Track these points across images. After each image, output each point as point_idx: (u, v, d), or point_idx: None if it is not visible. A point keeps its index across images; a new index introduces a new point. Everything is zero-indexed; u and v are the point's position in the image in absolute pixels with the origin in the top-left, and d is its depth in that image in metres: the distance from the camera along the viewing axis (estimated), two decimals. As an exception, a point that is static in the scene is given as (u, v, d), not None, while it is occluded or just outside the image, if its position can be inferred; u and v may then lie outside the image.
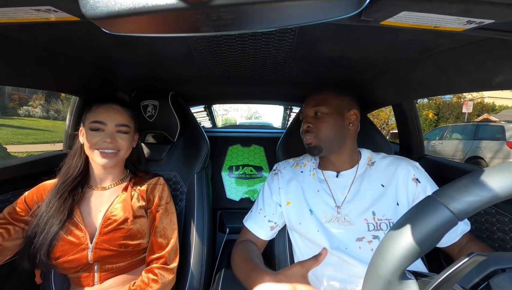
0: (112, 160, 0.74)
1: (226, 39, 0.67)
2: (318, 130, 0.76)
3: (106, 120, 0.74)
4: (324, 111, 0.76)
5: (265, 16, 0.26)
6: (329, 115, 0.76)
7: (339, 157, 0.78)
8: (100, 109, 0.75)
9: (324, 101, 0.78)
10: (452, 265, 0.27)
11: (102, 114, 0.74)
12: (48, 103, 15.95)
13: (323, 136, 0.75)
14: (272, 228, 0.80)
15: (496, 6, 0.35)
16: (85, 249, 0.69)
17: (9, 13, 0.41)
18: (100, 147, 0.73)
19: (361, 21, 0.41)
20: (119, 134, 0.76)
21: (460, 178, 0.32)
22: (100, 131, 0.73)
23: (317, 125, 0.76)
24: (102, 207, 0.75)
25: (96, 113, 0.74)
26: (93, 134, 0.73)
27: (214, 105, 2.74)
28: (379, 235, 0.68)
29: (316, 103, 0.79)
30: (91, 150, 0.73)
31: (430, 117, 13.65)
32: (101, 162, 0.73)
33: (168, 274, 0.74)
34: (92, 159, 0.75)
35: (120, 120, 0.76)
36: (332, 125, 0.75)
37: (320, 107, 0.77)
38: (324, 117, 0.76)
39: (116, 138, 0.75)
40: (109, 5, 0.23)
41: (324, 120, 0.76)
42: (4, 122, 11.52)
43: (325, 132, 0.75)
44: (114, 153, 0.74)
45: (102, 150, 0.73)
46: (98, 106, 0.76)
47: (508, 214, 0.73)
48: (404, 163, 0.75)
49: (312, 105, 0.79)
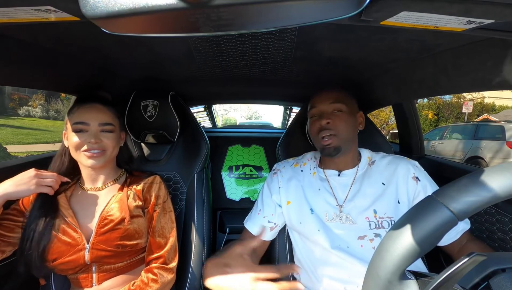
0: (99, 160, 0.73)
1: (226, 39, 0.67)
2: (337, 128, 0.72)
3: (89, 120, 0.72)
4: (343, 109, 0.74)
5: (265, 16, 0.26)
6: (347, 114, 0.74)
7: (344, 157, 0.77)
8: (81, 109, 0.73)
9: (342, 99, 0.75)
10: (452, 265, 0.27)
11: (84, 114, 0.72)
12: (48, 103, 15.95)
13: (343, 135, 0.73)
14: (272, 228, 0.80)
15: (496, 6, 0.35)
16: (81, 249, 0.69)
17: (9, 13, 0.40)
18: (85, 149, 0.71)
19: (361, 21, 0.41)
20: (103, 133, 0.74)
21: (460, 178, 0.32)
22: (84, 132, 0.71)
23: (335, 123, 0.72)
24: (98, 207, 0.75)
25: (78, 114, 0.72)
26: (77, 136, 0.71)
27: (214, 105, 2.74)
28: (381, 233, 0.68)
29: (334, 99, 0.75)
30: (77, 152, 0.72)
31: (430, 117, 13.64)
32: (88, 163, 0.72)
33: (168, 273, 0.74)
34: (79, 161, 0.74)
35: (103, 119, 0.74)
36: (350, 124, 0.74)
37: (340, 104, 0.74)
38: (343, 115, 0.74)
39: (100, 137, 0.73)
40: (109, 5, 0.23)
41: (344, 119, 0.73)
42: (4, 122, 11.52)
43: (345, 131, 0.73)
44: (100, 153, 0.73)
45: (88, 151, 0.71)
46: (79, 107, 0.73)
47: (508, 214, 0.73)
48: (403, 161, 0.76)
49: (331, 101, 0.75)
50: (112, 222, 0.72)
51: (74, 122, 0.71)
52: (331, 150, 0.73)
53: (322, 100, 0.77)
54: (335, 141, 0.72)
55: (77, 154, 0.72)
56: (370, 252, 0.67)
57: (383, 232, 0.68)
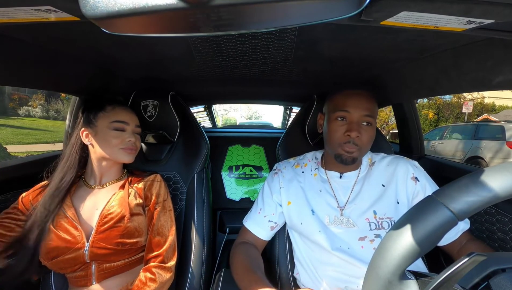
0: (134, 156, 0.81)
1: (226, 39, 0.67)
2: (363, 142, 0.69)
3: (128, 120, 0.79)
4: (373, 123, 0.71)
5: (265, 16, 0.26)
6: (374, 128, 0.72)
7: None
8: (118, 109, 0.79)
9: (374, 111, 0.71)
10: (452, 265, 0.27)
11: (122, 114, 0.79)
12: (48, 103, 15.95)
13: (365, 149, 0.71)
14: (272, 228, 0.80)
15: (496, 6, 0.35)
16: (81, 248, 0.69)
17: (9, 13, 0.41)
18: (125, 146, 0.77)
19: (361, 21, 0.41)
20: (135, 134, 0.82)
21: (460, 178, 0.32)
22: (122, 131, 0.78)
23: (363, 137, 0.69)
24: (99, 205, 0.75)
25: (116, 113, 0.78)
26: (117, 134, 0.76)
27: (214, 105, 2.74)
28: (381, 234, 0.68)
29: (368, 111, 0.70)
30: (114, 150, 0.76)
31: (430, 117, 13.64)
32: (127, 159, 0.78)
33: (166, 273, 0.74)
34: (114, 158, 0.77)
35: (136, 121, 0.83)
36: (373, 138, 0.72)
37: (371, 118, 0.70)
38: (371, 130, 0.71)
39: (135, 137, 0.81)
40: (109, 5, 0.23)
41: (371, 134, 0.71)
42: (4, 122, 11.52)
43: (369, 145, 0.71)
44: (135, 150, 0.81)
45: (127, 148, 0.77)
46: (115, 107, 0.79)
47: (508, 214, 0.73)
48: (402, 162, 0.76)
49: (366, 113, 0.69)
50: (112, 220, 0.72)
51: (114, 120, 0.77)
52: (349, 161, 0.70)
53: (357, 107, 0.70)
54: (356, 153, 0.70)
55: (113, 151, 0.76)
56: (371, 252, 0.67)
57: (383, 233, 0.68)
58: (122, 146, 0.77)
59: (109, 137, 0.75)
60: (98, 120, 0.76)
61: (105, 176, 0.80)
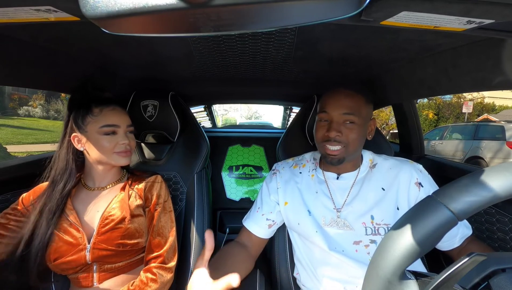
0: (129, 158, 0.78)
1: (226, 39, 0.67)
2: (346, 141, 0.69)
3: (118, 122, 0.74)
4: (356, 121, 0.69)
5: (265, 16, 0.26)
6: (359, 126, 0.70)
7: (347, 163, 0.75)
8: (106, 111, 0.73)
9: (357, 109, 0.69)
10: (452, 265, 0.27)
11: (111, 117, 0.74)
12: (48, 103, 15.93)
13: (350, 148, 0.70)
14: (270, 226, 0.80)
15: (496, 6, 0.35)
16: (83, 249, 0.69)
17: (9, 13, 0.41)
18: (119, 150, 0.74)
19: (361, 21, 0.41)
20: (128, 134, 0.78)
21: (460, 178, 0.32)
22: (114, 134, 0.74)
23: (346, 135, 0.69)
24: (100, 207, 0.75)
25: (104, 116, 0.73)
26: (108, 138, 0.73)
27: (214, 105, 2.74)
28: (377, 240, 0.68)
29: (348, 109, 0.69)
30: (108, 154, 0.73)
31: (430, 117, 13.64)
32: (122, 162, 0.76)
33: (167, 273, 0.74)
34: (108, 163, 0.75)
35: (128, 120, 0.78)
36: (360, 136, 0.70)
37: (352, 116, 0.69)
38: (355, 128, 0.69)
39: (128, 139, 0.77)
40: (109, 5, 0.23)
41: (355, 131, 0.69)
42: (4, 122, 11.51)
43: (354, 144, 0.70)
44: (130, 152, 0.78)
45: (121, 152, 0.75)
46: (102, 109, 0.73)
47: (508, 214, 0.73)
48: (407, 166, 0.73)
49: (344, 111, 0.69)
50: (113, 222, 0.72)
51: (103, 125, 0.72)
52: (334, 161, 0.70)
53: (335, 107, 0.70)
54: (341, 153, 0.69)
55: (107, 156, 0.74)
56: (365, 257, 0.67)
57: (379, 239, 0.67)
58: (116, 150, 0.74)
59: (101, 142, 0.72)
60: (87, 125, 0.72)
61: (105, 178, 0.79)
